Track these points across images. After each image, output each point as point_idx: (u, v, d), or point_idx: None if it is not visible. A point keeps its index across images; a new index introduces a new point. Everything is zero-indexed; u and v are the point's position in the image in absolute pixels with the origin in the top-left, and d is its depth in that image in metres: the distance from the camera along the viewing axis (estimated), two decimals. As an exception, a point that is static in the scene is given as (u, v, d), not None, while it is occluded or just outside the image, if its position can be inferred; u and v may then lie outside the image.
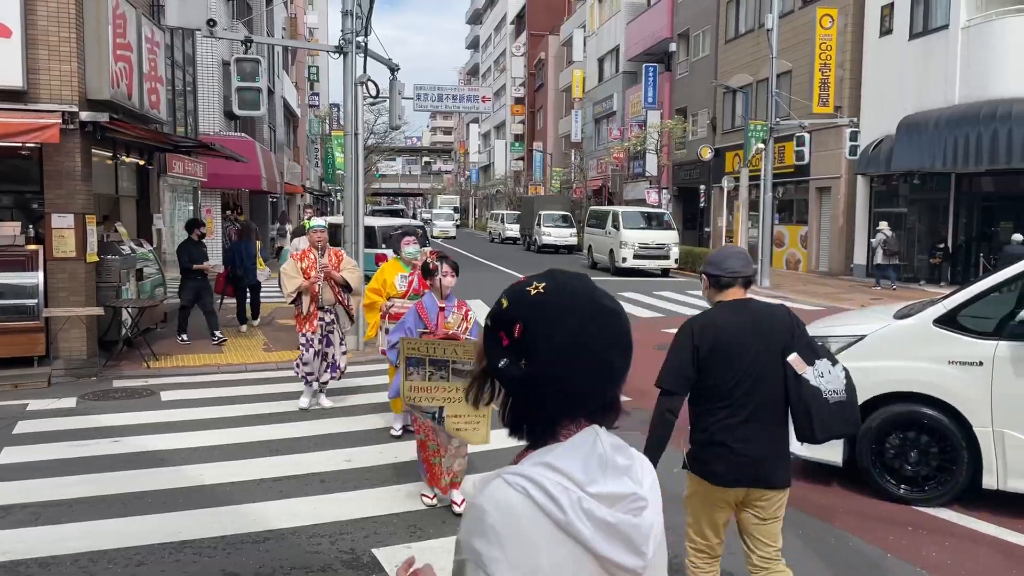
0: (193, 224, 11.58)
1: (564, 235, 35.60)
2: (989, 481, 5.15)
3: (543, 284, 1.27)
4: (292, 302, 7.59)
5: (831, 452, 5.62)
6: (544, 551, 1.13)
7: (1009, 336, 5.02)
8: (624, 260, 24.45)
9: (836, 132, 23.12)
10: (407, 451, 6.51)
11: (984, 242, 19.78)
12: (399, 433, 6.81)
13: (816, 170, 24.86)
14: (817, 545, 4.75)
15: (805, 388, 3.15)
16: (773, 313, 3.32)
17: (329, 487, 5.61)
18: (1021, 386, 4.98)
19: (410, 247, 6.85)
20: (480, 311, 10.45)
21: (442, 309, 5.26)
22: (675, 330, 3.42)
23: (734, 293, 3.31)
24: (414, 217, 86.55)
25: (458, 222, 57.83)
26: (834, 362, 3.23)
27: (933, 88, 19.66)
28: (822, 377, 3.17)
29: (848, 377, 3.23)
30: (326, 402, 7.91)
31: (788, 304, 15.90)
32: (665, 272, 24.94)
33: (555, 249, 35.33)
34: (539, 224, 36.20)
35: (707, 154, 29.13)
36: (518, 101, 65.66)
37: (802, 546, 4.73)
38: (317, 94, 46.63)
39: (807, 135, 21.64)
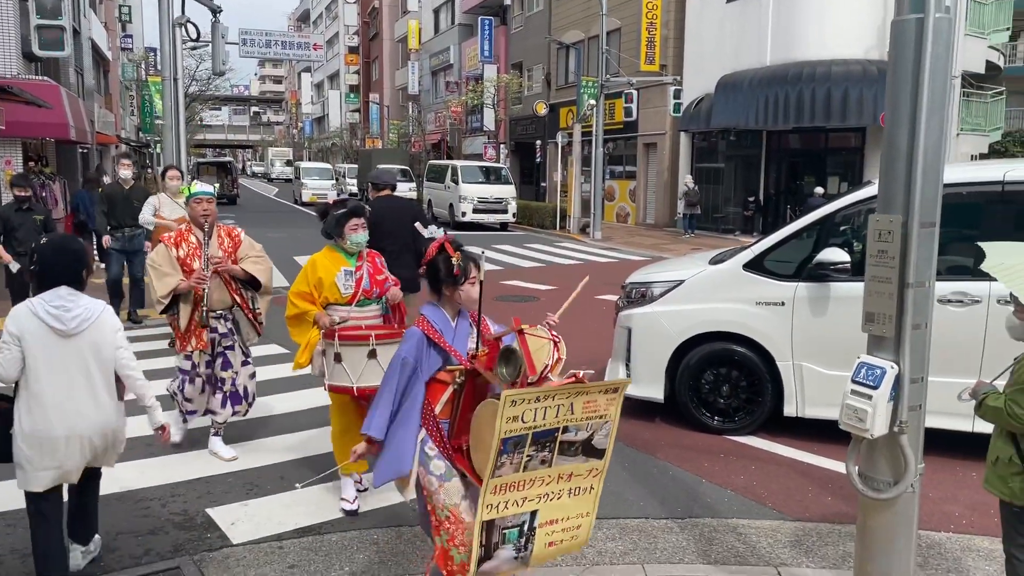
0: (15, 180, 9.07)
1: (403, 190, 35.05)
2: (789, 410, 5.71)
3: (45, 239, 3.60)
4: (163, 311, 5.08)
5: (654, 390, 6.02)
6: (25, 322, 3.33)
7: (806, 278, 5.55)
8: (464, 214, 24.62)
9: (661, 90, 24.19)
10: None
11: (791, 195, 21.50)
12: (355, 506, 4.53)
13: (643, 127, 25.95)
14: (641, 476, 5.11)
15: (422, 240, 5.65)
16: (405, 202, 6.84)
17: (157, 450, 5.37)
18: (816, 323, 5.53)
19: (358, 234, 4.58)
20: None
21: (522, 333, 2.88)
22: (513, 282, 4.05)
23: (385, 192, 6.54)
24: (244, 171, 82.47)
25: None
26: (439, 227, 5.30)
27: (748, 49, 20.94)
28: (432, 236, 5.39)
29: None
30: (224, 451, 5.27)
31: (618, 255, 16.47)
32: (504, 226, 25.34)
33: (394, 203, 34.89)
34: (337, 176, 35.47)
35: (542, 110, 29.62)
36: (352, 50, 63.69)
37: (628, 477, 5.07)
38: (130, 36, 43.02)
39: (635, 92, 22.51)
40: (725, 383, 5.87)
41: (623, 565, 3.95)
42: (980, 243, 3.17)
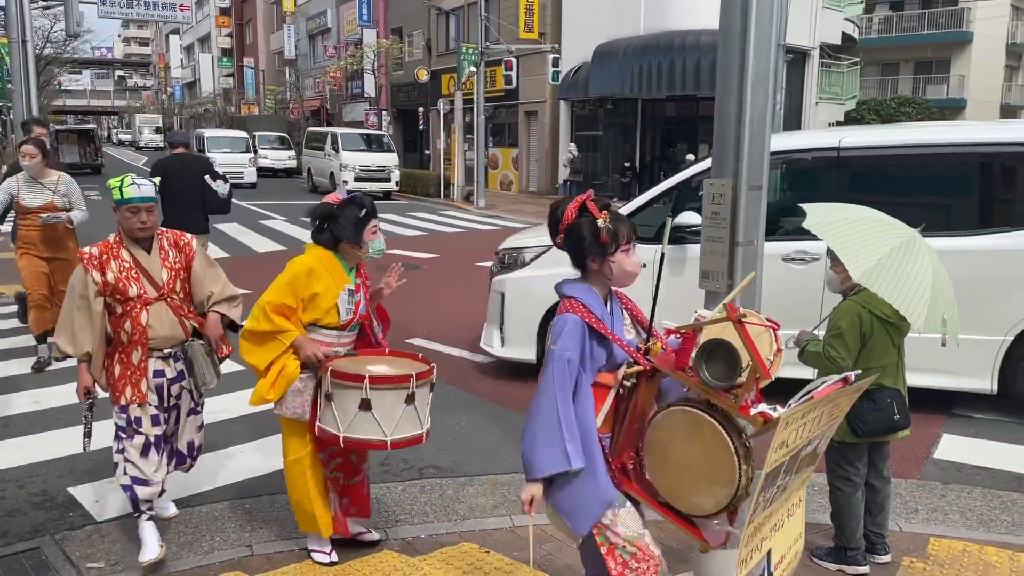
0: None
1: (282, 158, 34.11)
2: (652, 365, 6.03)
3: None
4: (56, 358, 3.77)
5: (526, 352, 6.23)
6: None
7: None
8: (345, 183, 24.19)
9: (541, 58, 24.42)
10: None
11: (665, 162, 22.26)
12: (334, 558, 3.57)
13: (524, 95, 26.15)
14: (513, 434, 5.27)
15: (209, 191, 7.47)
16: (198, 157, 8.37)
17: (15, 431, 5.17)
18: (675, 283, 5.83)
19: (379, 239, 3.46)
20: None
21: (742, 322, 2.18)
22: (395, 251, 4.09)
23: (178, 150, 7.82)
24: (109, 139, 77.67)
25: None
26: (226, 181, 7.58)
27: (623, 18, 21.38)
28: (219, 188, 7.35)
29: (231, 188, 7.74)
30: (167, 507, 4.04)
31: (502, 223, 16.62)
32: (387, 195, 25.09)
33: (273, 173, 33.82)
34: (254, 146, 34.40)
35: (424, 76, 29.36)
36: (223, 12, 60.82)
37: (500, 435, 5.26)
38: (-26, -8, 39.69)
39: (514, 60, 22.64)
40: (593, 342, 6.12)
41: (493, 518, 4.12)
42: (802, 204, 3.45)
